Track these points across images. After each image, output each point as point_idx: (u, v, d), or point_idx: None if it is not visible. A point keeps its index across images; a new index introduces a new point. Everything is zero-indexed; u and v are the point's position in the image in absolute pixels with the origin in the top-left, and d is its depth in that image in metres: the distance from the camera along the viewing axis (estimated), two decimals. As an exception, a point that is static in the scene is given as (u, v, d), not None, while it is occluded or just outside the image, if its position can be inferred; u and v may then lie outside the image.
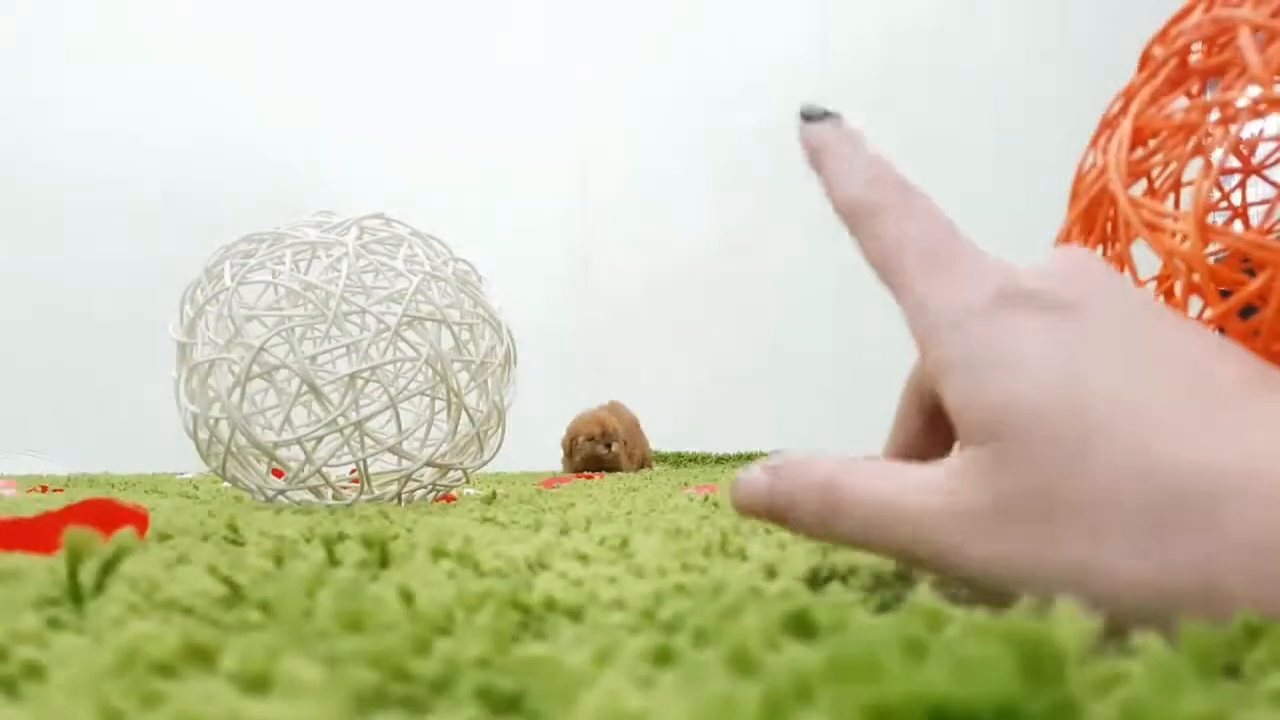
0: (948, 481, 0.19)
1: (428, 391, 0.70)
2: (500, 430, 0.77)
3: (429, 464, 0.69)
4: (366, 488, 0.68)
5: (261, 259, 0.66)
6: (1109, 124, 0.36)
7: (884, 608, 0.21)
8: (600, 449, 1.89)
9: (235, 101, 2.19)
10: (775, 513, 0.22)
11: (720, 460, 2.20)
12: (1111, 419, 0.17)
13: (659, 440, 2.32)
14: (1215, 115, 0.32)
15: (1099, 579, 0.16)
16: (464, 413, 0.70)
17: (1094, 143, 0.38)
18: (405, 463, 0.69)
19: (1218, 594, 0.14)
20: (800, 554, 0.31)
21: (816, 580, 0.26)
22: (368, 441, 0.67)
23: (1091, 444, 0.17)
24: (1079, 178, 0.38)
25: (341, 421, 0.63)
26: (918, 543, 0.19)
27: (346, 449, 0.65)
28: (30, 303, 2.03)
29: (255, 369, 0.63)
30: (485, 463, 0.76)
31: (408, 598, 0.21)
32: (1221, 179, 0.43)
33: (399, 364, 0.71)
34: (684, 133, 2.54)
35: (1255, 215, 0.45)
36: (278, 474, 0.69)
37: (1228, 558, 0.14)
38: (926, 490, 0.19)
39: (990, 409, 0.18)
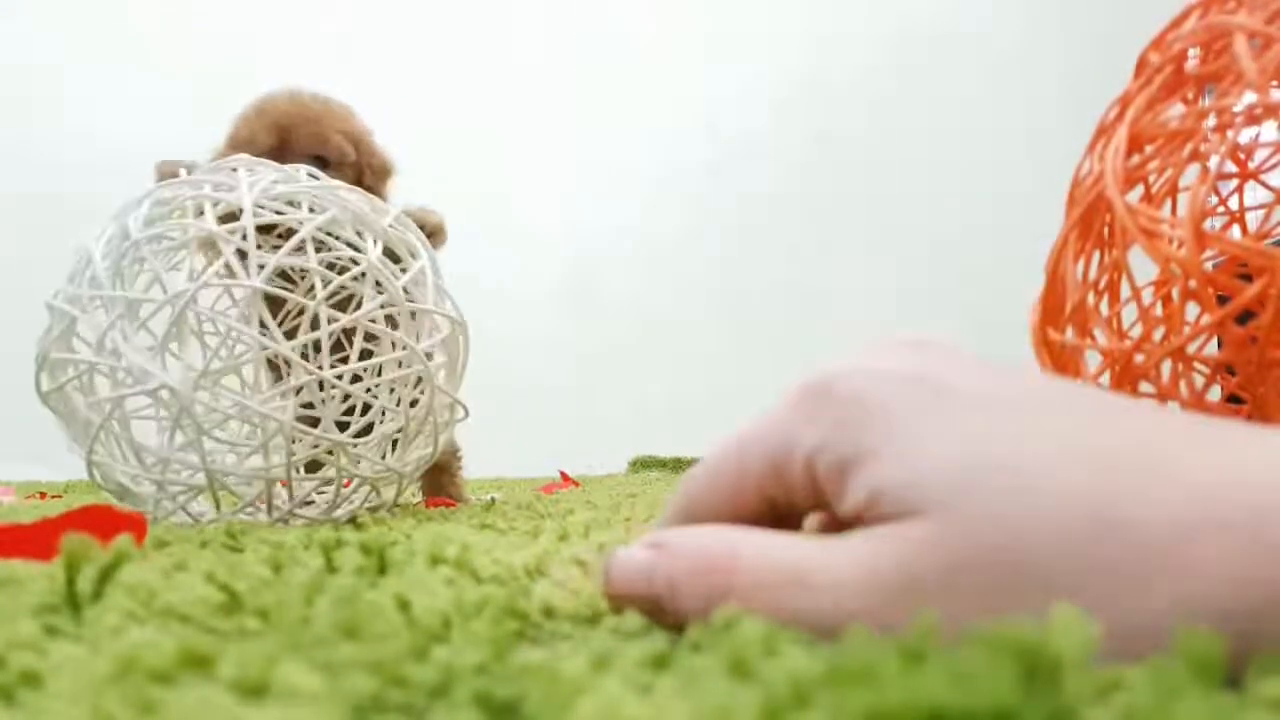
0: (878, 546, 0.17)
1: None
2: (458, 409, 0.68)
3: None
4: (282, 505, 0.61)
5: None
6: (1105, 130, 0.37)
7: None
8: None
9: (235, 102, 2.18)
10: (653, 601, 0.19)
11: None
12: (1046, 471, 0.16)
13: (659, 443, 2.32)
14: (1211, 121, 0.32)
15: None
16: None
17: (1091, 149, 0.38)
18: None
19: (1174, 620, 0.14)
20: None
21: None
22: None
23: (1030, 498, 0.15)
24: (1076, 184, 0.38)
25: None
26: (838, 613, 0.16)
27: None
28: (29, 306, 2.02)
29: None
30: (450, 425, 0.68)
31: (405, 605, 0.21)
32: (1218, 184, 0.43)
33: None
34: (686, 133, 2.55)
35: (1252, 220, 0.45)
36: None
37: (1191, 609, 0.14)
38: (847, 559, 0.17)
39: (917, 475, 0.16)
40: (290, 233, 0.61)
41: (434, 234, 0.92)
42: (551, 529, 0.46)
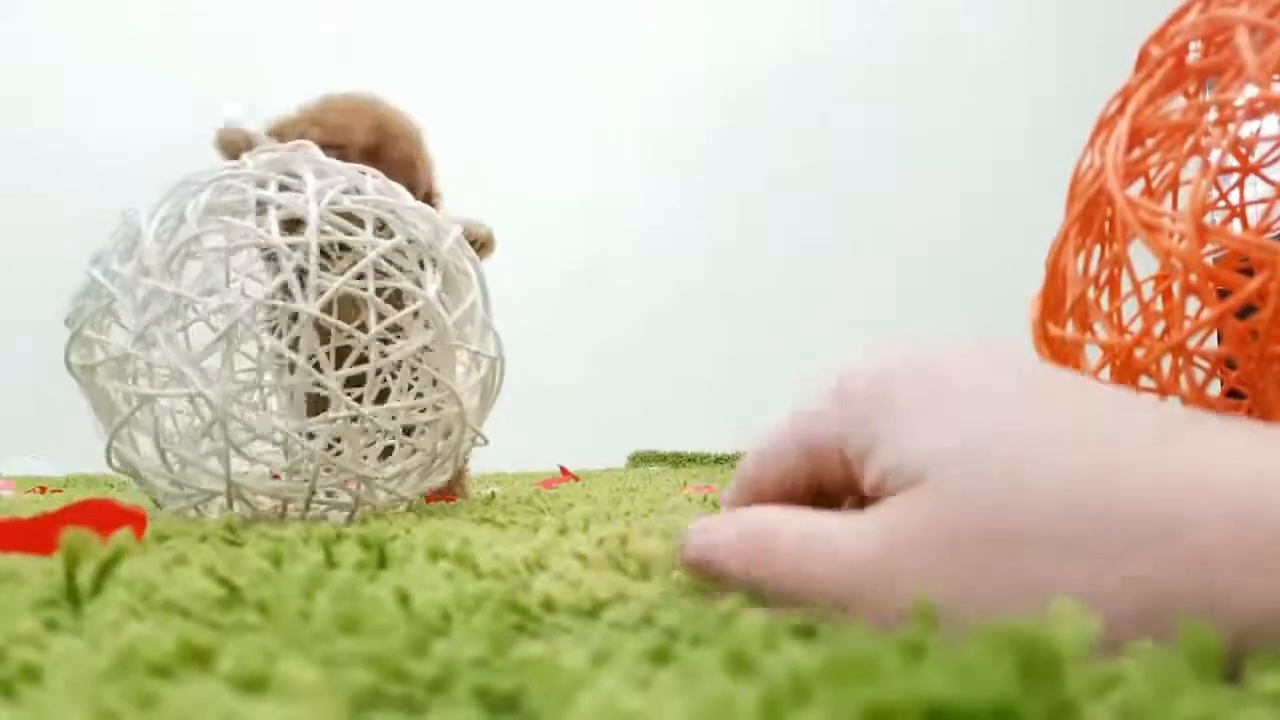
0: (888, 514, 0.18)
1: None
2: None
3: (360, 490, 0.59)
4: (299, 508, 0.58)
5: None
6: (1106, 124, 0.36)
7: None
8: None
9: (235, 101, 2.18)
10: (700, 566, 0.22)
11: (720, 460, 2.20)
12: (1042, 447, 0.17)
13: (659, 438, 2.32)
14: (1213, 115, 0.32)
15: (1034, 602, 0.15)
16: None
17: (1091, 143, 0.38)
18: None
19: (1166, 609, 0.14)
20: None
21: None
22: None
23: (1027, 469, 0.16)
24: (1076, 178, 0.38)
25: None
26: (857, 576, 0.18)
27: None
28: (28, 304, 2.03)
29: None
30: (470, 452, 0.67)
31: (405, 599, 0.21)
32: (1219, 178, 0.43)
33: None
34: (686, 132, 2.54)
35: (1253, 215, 0.45)
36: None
37: (1177, 572, 0.14)
38: (862, 528, 0.19)
39: (920, 454, 0.18)
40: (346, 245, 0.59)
41: (483, 245, 0.90)
42: (551, 523, 0.45)
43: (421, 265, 0.60)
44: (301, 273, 0.54)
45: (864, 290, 2.48)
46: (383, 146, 0.84)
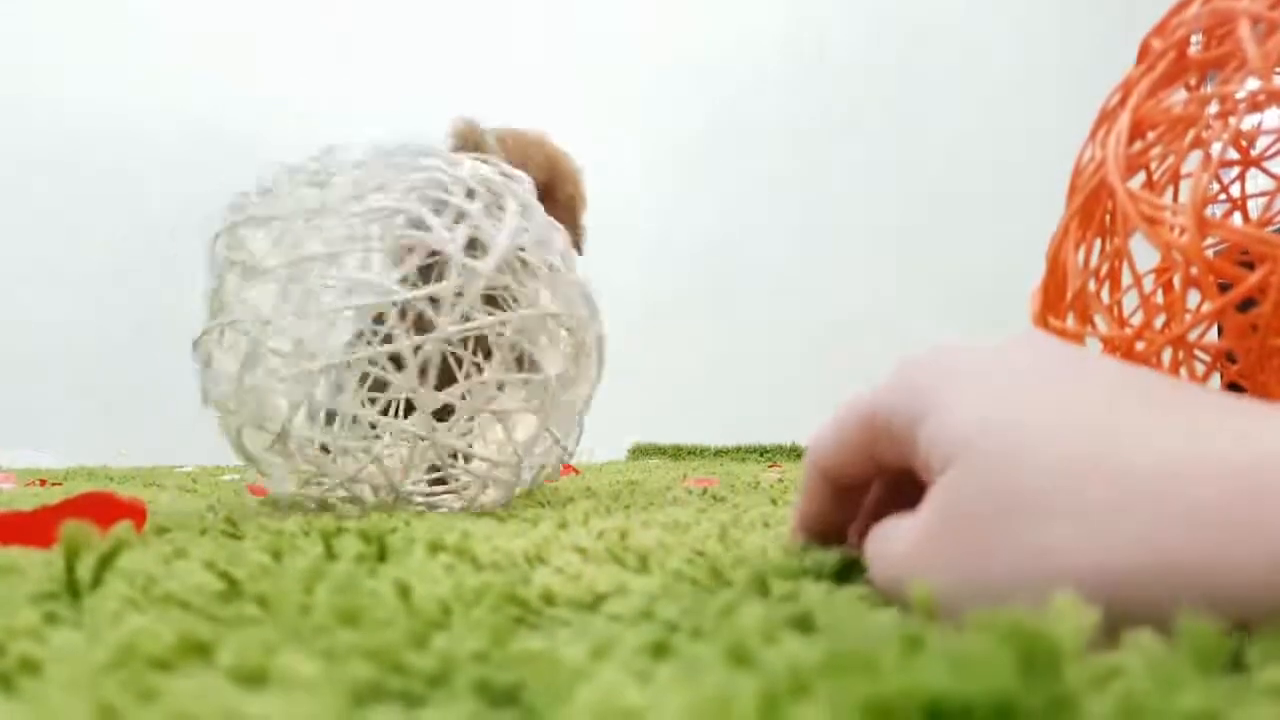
0: (931, 501, 0.20)
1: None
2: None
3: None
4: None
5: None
6: (1107, 116, 0.36)
7: (883, 602, 0.21)
8: None
9: (236, 104, 2.18)
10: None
11: (719, 453, 2.20)
12: (1048, 424, 0.18)
13: (657, 432, 2.32)
14: (1214, 108, 0.32)
15: (1044, 566, 0.16)
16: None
17: (1092, 135, 0.38)
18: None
19: (1166, 567, 0.15)
20: (799, 548, 0.31)
21: (815, 575, 0.26)
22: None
23: (1032, 445, 0.18)
24: (1077, 171, 0.38)
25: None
26: (911, 564, 0.20)
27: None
28: (28, 303, 2.03)
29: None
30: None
31: (405, 592, 0.21)
32: (1220, 171, 0.43)
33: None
34: (686, 130, 2.54)
35: (1254, 207, 0.45)
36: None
37: (1175, 531, 0.15)
38: (915, 519, 0.20)
39: (952, 433, 0.20)
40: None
41: None
42: (551, 516, 0.46)
43: (563, 329, 0.61)
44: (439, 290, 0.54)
45: (863, 288, 2.48)
46: (554, 185, 0.86)
